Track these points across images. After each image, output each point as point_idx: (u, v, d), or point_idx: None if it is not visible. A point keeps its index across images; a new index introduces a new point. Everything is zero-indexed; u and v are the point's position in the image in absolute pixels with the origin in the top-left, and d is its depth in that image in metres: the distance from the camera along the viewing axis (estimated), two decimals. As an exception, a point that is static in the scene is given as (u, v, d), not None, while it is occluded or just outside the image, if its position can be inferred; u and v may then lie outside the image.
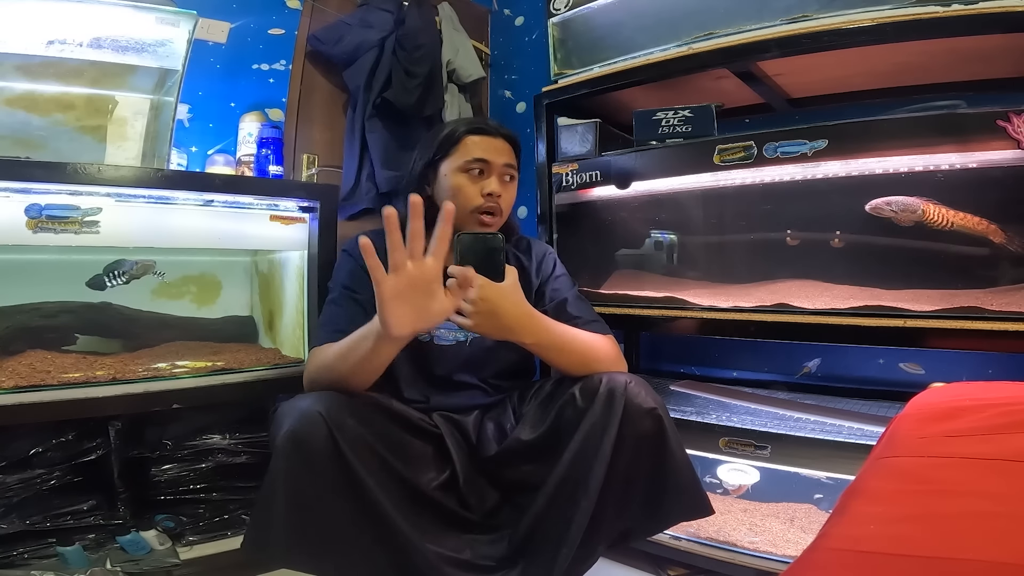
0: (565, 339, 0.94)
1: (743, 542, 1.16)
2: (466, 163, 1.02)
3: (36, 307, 1.25)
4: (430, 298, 0.78)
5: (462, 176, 1.02)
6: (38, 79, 1.21)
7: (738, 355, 1.64)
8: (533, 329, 0.91)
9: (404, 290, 0.76)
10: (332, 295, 1.02)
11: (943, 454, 0.54)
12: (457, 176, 1.03)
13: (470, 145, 1.03)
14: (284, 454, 0.77)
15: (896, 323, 1.01)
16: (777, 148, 1.13)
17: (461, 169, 1.03)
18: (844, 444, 1.11)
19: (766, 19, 1.17)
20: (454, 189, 1.02)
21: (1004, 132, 0.93)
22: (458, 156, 1.03)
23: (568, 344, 0.94)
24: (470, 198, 1.01)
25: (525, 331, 0.90)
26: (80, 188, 1.14)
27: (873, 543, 0.43)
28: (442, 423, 0.98)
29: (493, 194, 1.02)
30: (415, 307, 0.77)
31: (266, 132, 1.63)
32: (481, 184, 1.02)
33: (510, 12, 2.24)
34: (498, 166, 1.03)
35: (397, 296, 0.76)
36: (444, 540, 0.86)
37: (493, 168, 1.03)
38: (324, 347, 0.92)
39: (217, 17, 1.65)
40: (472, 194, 1.02)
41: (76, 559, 1.06)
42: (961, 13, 0.97)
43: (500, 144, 1.05)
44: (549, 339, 0.92)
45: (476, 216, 1.02)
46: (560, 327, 0.95)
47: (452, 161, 1.03)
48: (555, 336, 0.93)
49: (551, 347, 0.93)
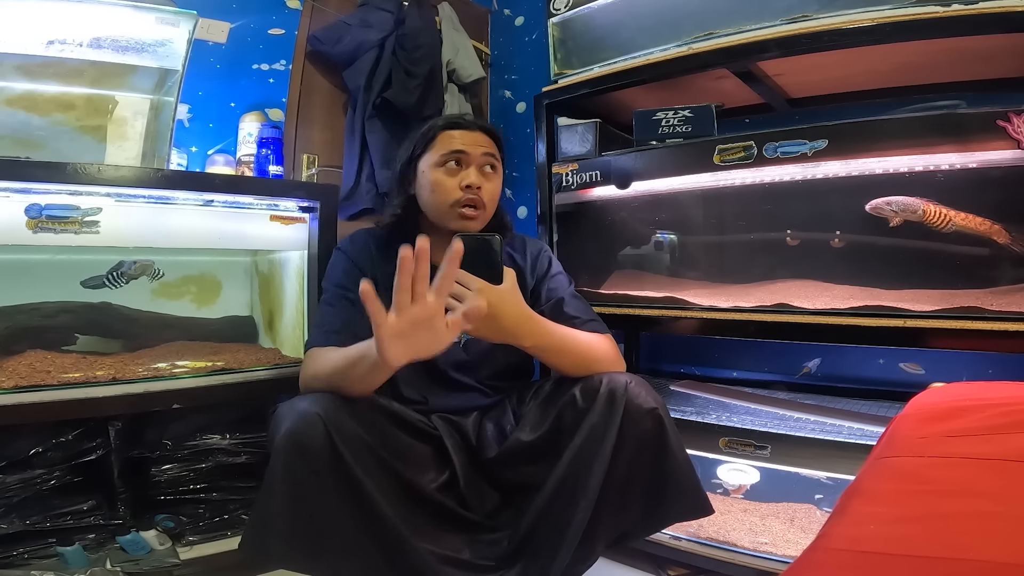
0: (565, 341, 0.94)
1: (744, 542, 1.16)
2: (442, 156, 1.00)
3: (36, 307, 1.25)
4: (430, 332, 0.75)
5: (439, 171, 1.00)
6: (38, 79, 1.21)
7: (738, 355, 1.64)
8: (532, 332, 0.90)
9: (405, 329, 0.73)
10: (326, 295, 1.01)
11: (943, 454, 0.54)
12: (435, 171, 1.00)
13: (446, 139, 1.01)
14: (282, 455, 0.77)
15: (896, 323, 1.01)
16: (777, 148, 1.13)
17: (438, 164, 1.00)
18: (844, 444, 1.11)
19: (766, 19, 1.17)
20: (432, 185, 1.00)
21: (1004, 132, 0.93)
22: (435, 151, 1.01)
23: (568, 346, 0.94)
24: (448, 192, 0.99)
25: (524, 334, 0.90)
26: (80, 188, 1.13)
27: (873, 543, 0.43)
28: (441, 425, 0.98)
29: (472, 186, 0.98)
30: (414, 343, 0.75)
31: (266, 132, 1.63)
32: (460, 177, 1.00)
33: (510, 12, 2.24)
34: (476, 156, 1.00)
35: (397, 335, 0.73)
36: (443, 540, 0.86)
37: (471, 159, 1.00)
38: (320, 351, 0.91)
39: (217, 17, 1.65)
40: (450, 187, 0.99)
41: (76, 559, 1.06)
42: (961, 13, 0.97)
43: (477, 135, 1.02)
44: (549, 342, 0.92)
45: (456, 211, 0.99)
46: (559, 329, 0.94)
47: (429, 157, 1.01)
48: (555, 338, 0.93)
49: (551, 349, 0.92)
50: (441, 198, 0.99)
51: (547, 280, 1.08)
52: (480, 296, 0.80)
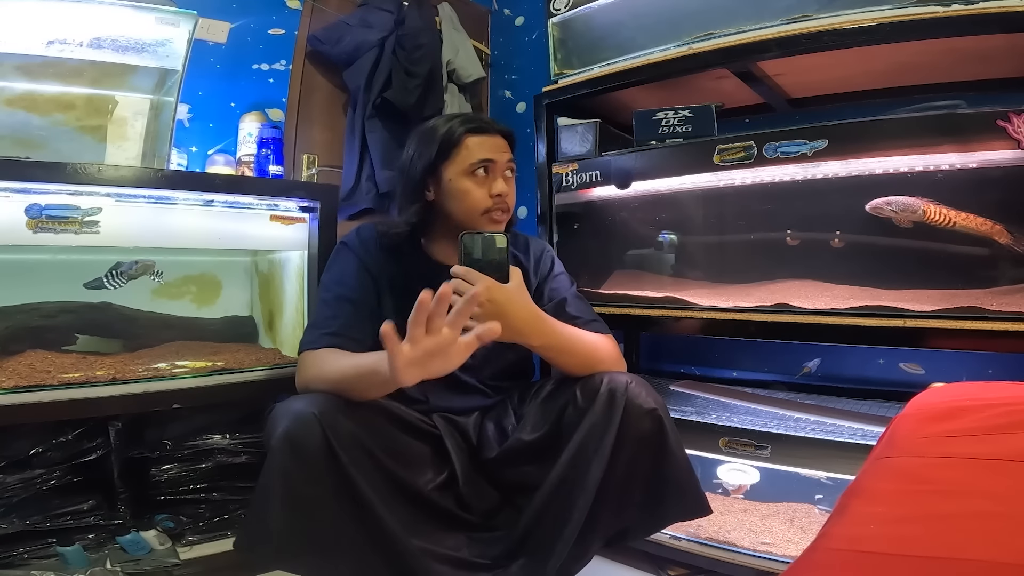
0: (573, 341, 0.94)
1: (744, 542, 1.16)
2: (471, 166, 0.99)
3: (36, 307, 1.25)
4: (444, 358, 0.76)
5: (468, 180, 0.99)
6: (38, 79, 1.21)
7: (738, 355, 1.64)
8: (542, 331, 0.90)
9: (419, 358, 0.74)
10: (325, 294, 0.99)
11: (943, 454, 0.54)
12: (463, 180, 0.99)
13: (472, 147, 1.00)
14: (278, 455, 0.77)
15: (896, 323, 1.01)
16: (777, 148, 1.13)
17: (466, 172, 0.99)
18: (844, 444, 1.11)
19: (766, 19, 1.17)
20: (462, 193, 0.99)
21: (1004, 132, 0.93)
22: (461, 159, 0.99)
23: (574, 345, 0.94)
24: (479, 201, 0.99)
25: (533, 333, 0.89)
26: (80, 188, 1.14)
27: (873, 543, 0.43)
28: (442, 424, 0.98)
29: (502, 194, 0.99)
30: (428, 368, 0.76)
31: (266, 132, 1.63)
32: (488, 186, 1.00)
33: (510, 12, 2.24)
34: (502, 163, 1.01)
35: (412, 364, 0.74)
36: (440, 539, 0.86)
37: (498, 167, 1.00)
38: (324, 353, 0.90)
39: (217, 17, 1.65)
40: (481, 197, 0.99)
41: (76, 559, 1.06)
42: (961, 13, 0.97)
43: (500, 142, 1.03)
44: (556, 341, 0.92)
45: (487, 217, 1.00)
46: (566, 328, 0.95)
47: (455, 165, 0.99)
48: (562, 338, 0.93)
49: (558, 349, 0.92)
50: (471, 206, 0.99)
51: (550, 280, 1.08)
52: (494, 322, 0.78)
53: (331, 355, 0.89)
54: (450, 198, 1.00)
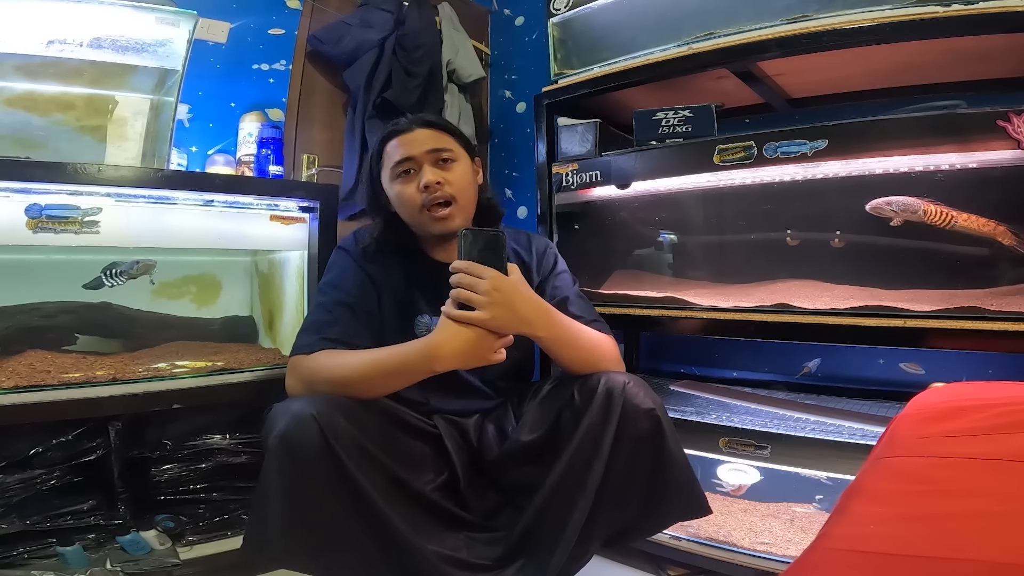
0: (579, 335, 0.94)
1: (744, 542, 1.16)
2: (394, 170, 1.00)
3: (36, 307, 1.24)
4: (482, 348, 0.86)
5: (397, 184, 1.00)
6: (38, 79, 1.21)
7: (738, 355, 1.64)
8: (549, 322, 0.91)
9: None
10: (323, 297, 0.99)
11: (943, 454, 0.54)
12: (394, 186, 1.01)
13: (391, 151, 1.01)
14: (276, 456, 0.77)
15: (896, 323, 1.01)
16: (777, 148, 1.13)
17: (394, 178, 1.01)
18: (844, 444, 1.11)
19: (766, 19, 1.17)
20: (397, 199, 1.01)
21: (1004, 132, 0.93)
22: (387, 166, 1.02)
23: (578, 340, 0.94)
24: (411, 199, 0.99)
25: (541, 323, 0.89)
26: (80, 188, 1.13)
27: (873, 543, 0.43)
28: (442, 425, 0.98)
29: (428, 185, 0.97)
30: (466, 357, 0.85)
31: (266, 132, 1.63)
32: (415, 181, 0.99)
33: (510, 12, 2.24)
34: (423, 155, 0.99)
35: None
36: (441, 539, 0.86)
37: (419, 160, 0.99)
38: (319, 356, 0.89)
39: (217, 17, 1.65)
40: (411, 195, 0.99)
41: (76, 559, 1.06)
42: (961, 13, 0.97)
43: (418, 134, 1.01)
44: (562, 333, 0.92)
45: (427, 214, 0.99)
46: (572, 323, 0.95)
47: (386, 173, 1.02)
48: (568, 331, 0.93)
49: (563, 342, 0.92)
50: (408, 208, 1.00)
51: (552, 278, 1.08)
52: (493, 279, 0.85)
53: (335, 355, 0.89)
54: (395, 205, 1.03)
